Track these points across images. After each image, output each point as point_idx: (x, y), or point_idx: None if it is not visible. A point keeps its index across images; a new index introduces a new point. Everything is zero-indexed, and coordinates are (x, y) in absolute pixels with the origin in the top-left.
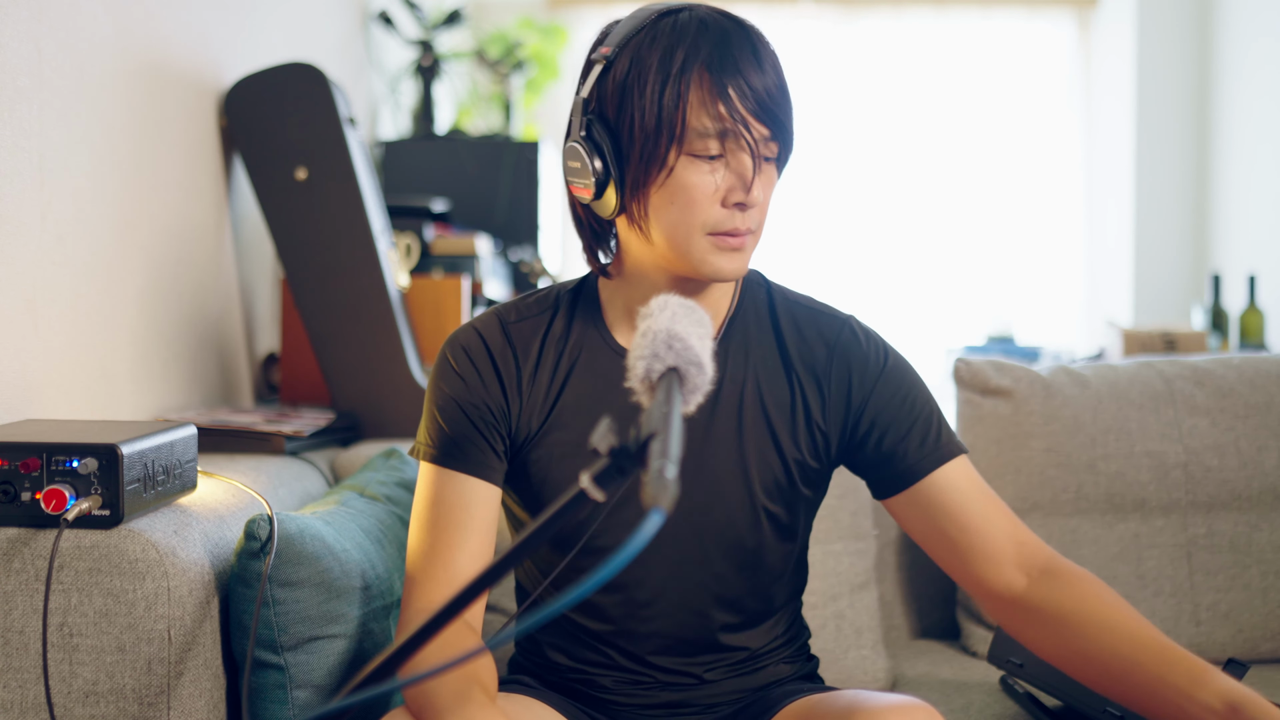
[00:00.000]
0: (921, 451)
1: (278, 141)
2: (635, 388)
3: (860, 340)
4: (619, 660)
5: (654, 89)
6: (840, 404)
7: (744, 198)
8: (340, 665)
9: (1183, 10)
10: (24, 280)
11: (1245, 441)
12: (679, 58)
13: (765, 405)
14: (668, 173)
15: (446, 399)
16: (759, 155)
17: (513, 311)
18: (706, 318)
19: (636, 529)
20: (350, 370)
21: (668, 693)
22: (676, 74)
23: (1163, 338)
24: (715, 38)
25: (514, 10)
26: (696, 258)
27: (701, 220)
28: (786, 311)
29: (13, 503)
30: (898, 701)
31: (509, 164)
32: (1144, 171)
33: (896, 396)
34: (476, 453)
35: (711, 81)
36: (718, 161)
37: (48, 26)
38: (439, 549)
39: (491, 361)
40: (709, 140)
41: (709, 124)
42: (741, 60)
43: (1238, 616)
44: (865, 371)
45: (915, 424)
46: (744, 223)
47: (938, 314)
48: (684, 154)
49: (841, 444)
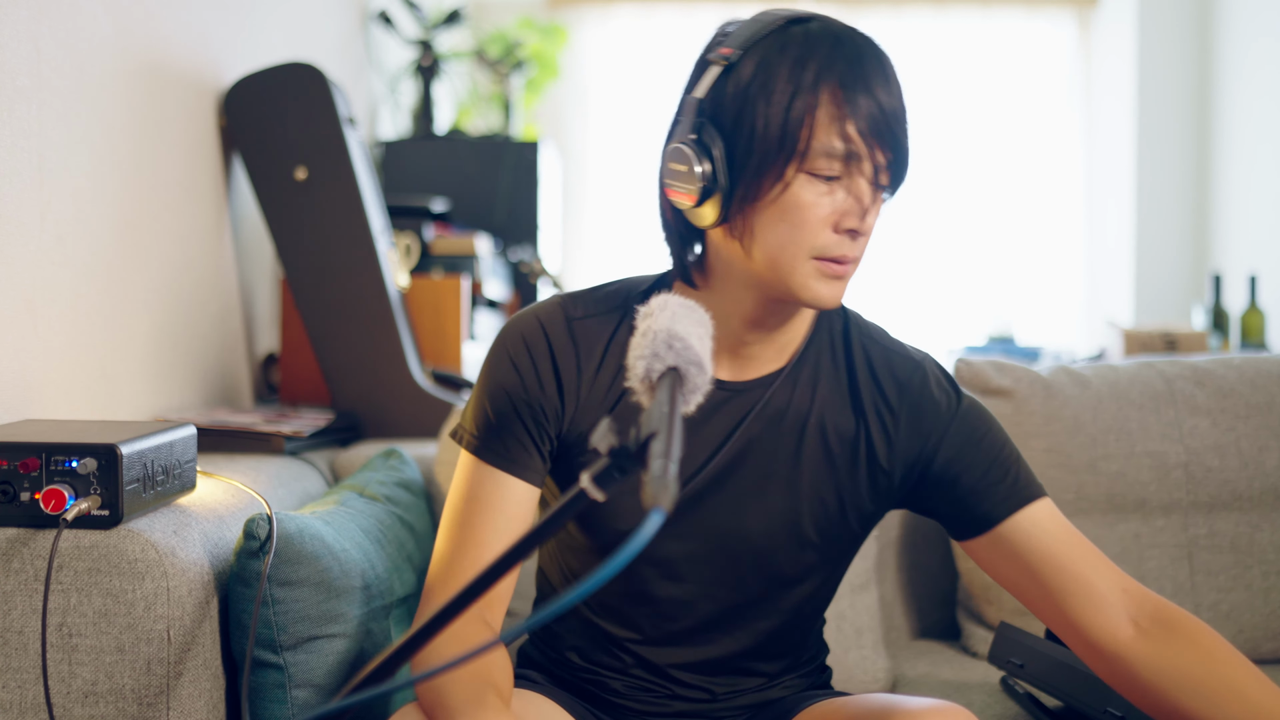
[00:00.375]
0: (1001, 493)
1: (277, 141)
2: (635, 388)
3: (933, 382)
4: (636, 667)
5: (781, 99)
6: (910, 447)
7: (858, 224)
8: (340, 665)
9: (1183, 10)
10: (23, 280)
11: (1246, 442)
12: (811, 69)
13: (828, 440)
14: (783, 188)
15: (499, 390)
16: (875, 183)
17: (579, 306)
18: (707, 318)
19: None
20: (350, 370)
21: (680, 703)
22: (809, 87)
23: (1163, 338)
24: (850, 53)
25: (514, 10)
26: (798, 282)
27: (811, 243)
28: (861, 346)
29: (12, 503)
30: (935, 704)
31: (509, 164)
32: (1144, 171)
33: (972, 439)
34: (520, 451)
35: (844, 99)
36: (835, 183)
37: (47, 26)
38: (468, 547)
39: (552, 359)
40: (832, 160)
41: (835, 144)
42: (874, 80)
43: (1239, 617)
44: (938, 415)
45: (992, 466)
46: (852, 250)
47: (938, 314)
48: (803, 171)
49: (907, 487)
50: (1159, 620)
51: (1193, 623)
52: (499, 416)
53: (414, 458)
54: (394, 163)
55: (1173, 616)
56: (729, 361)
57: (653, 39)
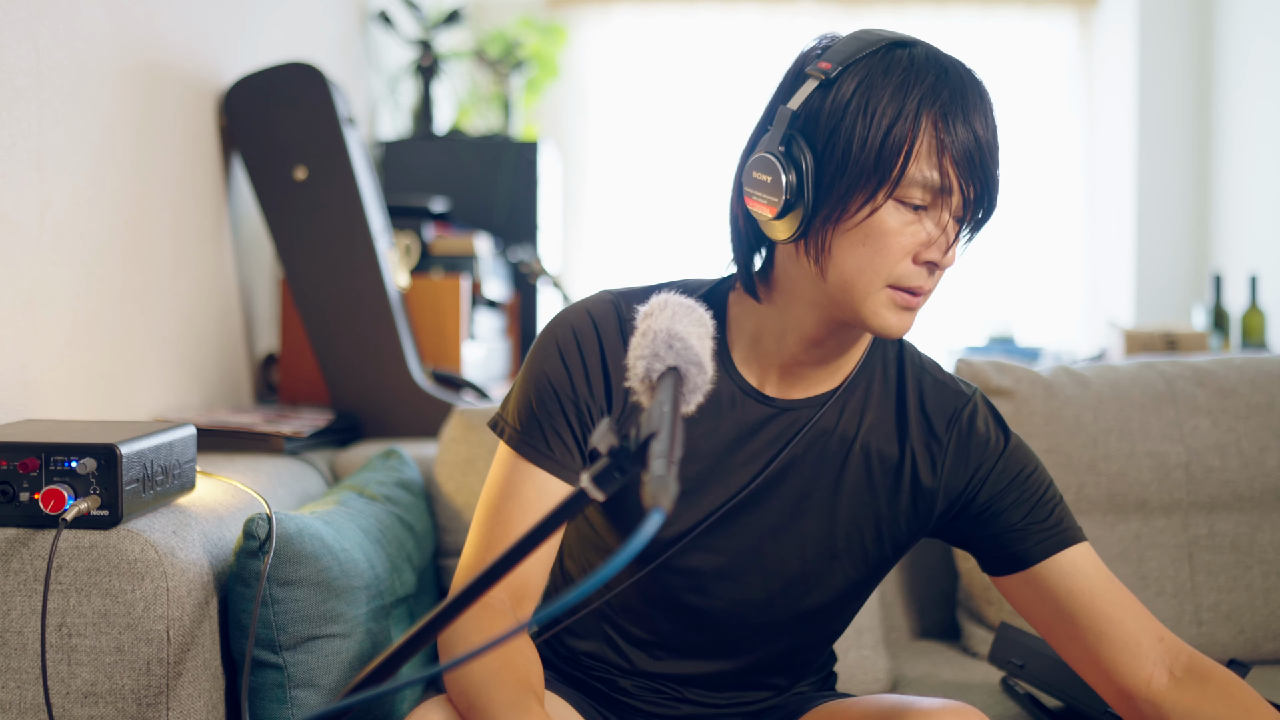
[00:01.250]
0: (1040, 534)
1: (277, 141)
2: (635, 388)
3: (982, 417)
4: (648, 671)
5: (882, 121)
6: (955, 480)
7: (939, 258)
8: (339, 665)
9: (1183, 10)
10: (23, 280)
11: (1247, 442)
12: (915, 96)
13: (871, 465)
14: (871, 212)
15: (545, 382)
16: (961, 219)
17: (632, 304)
18: (707, 318)
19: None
20: (350, 370)
21: (688, 706)
22: (912, 114)
23: (1164, 338)
24: (955, 84)
25: (514, 10)
26: (870, 309)
27: (889, 271)
28: (914, 375)
29: (11, 503)
30: (947, 705)
31: (509, 164)
32: (1145, 171)
33: (1018, 478)
34: (561, 448)
35: (945, 130)
36: (923, 213)
37: (46, 25)
38: (502, 543)
39: (601, 356)
40: (926, 191)
41: (929, 174)
42: (974, 112)
43: (1239, 617)
44: (985, 450)
45: (1036, 507)
46: (929, 283)
47: (939, 314)
48: (893, 198)
49: (946, 519)
50: (1193, 671)
51: (1226, 674)
52: (543, 409)
53: (414, 458)
54: (394, 163)
55: (1207, 668)
56: (779, 378)
57: (653, 39)
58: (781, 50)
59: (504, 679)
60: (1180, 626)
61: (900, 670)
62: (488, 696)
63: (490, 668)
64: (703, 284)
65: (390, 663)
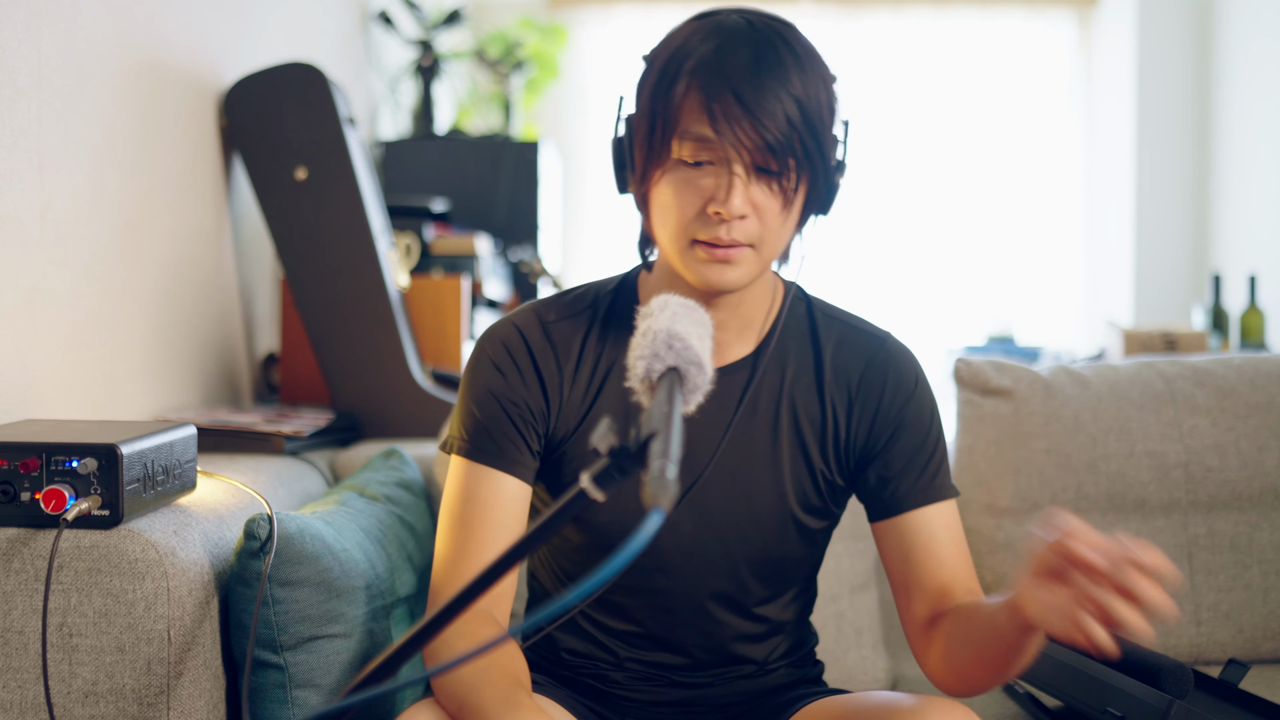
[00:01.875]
0: (917, 485)
1: (277, 141)
2: (635, 387)
3: (895, 357)
4: (633, 658)
5: (654, 87)
6: (868, 418)
7: (719, 208)
8: (340, 665)
9: (1183, 10)
10: (24, 280)
11: (1246, 441)
12: (680, 59)
13: (799, 420)
14: (661, 172)
15: (484, 393)
16: (746, 166)
17: (551, 310)
18: (707, 317)
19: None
20: (350, 370)
21: (678, 690)
22: (672, 75)
23: (1163, 338)
24: (718, 43)
25: (514, 10)
26: (684, 263)
27: (686, 226)
28: (826, 327)
29: (12, 503)
30: (936, 702)
31: (509, 164)
32: (1144, 171)
33: (918, 423)
34: (511, 449)
35: (700, 88)
36: (706, 168)
37: (47, 26)
38: (470, 546)
39: (532, 359)
40: (697, 147)
41: (696, 130)
42: (735, 69)
43: (1238, 617)
44: (898, 390)
45: (920, 454)
46: (729, 234)
47: (938, 314)
48: (677, 158)
49: (861, 458)
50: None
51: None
52: (487, 417)
53: (414, 458)
54: (394, 163)
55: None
56: None
57: (653, 39)
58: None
59: (493, 677)
60: (1179, 626)
61: (900, 670)
62: (479, 694)
63: (479, 666)
64: (614, 279)
65: (390, 663)
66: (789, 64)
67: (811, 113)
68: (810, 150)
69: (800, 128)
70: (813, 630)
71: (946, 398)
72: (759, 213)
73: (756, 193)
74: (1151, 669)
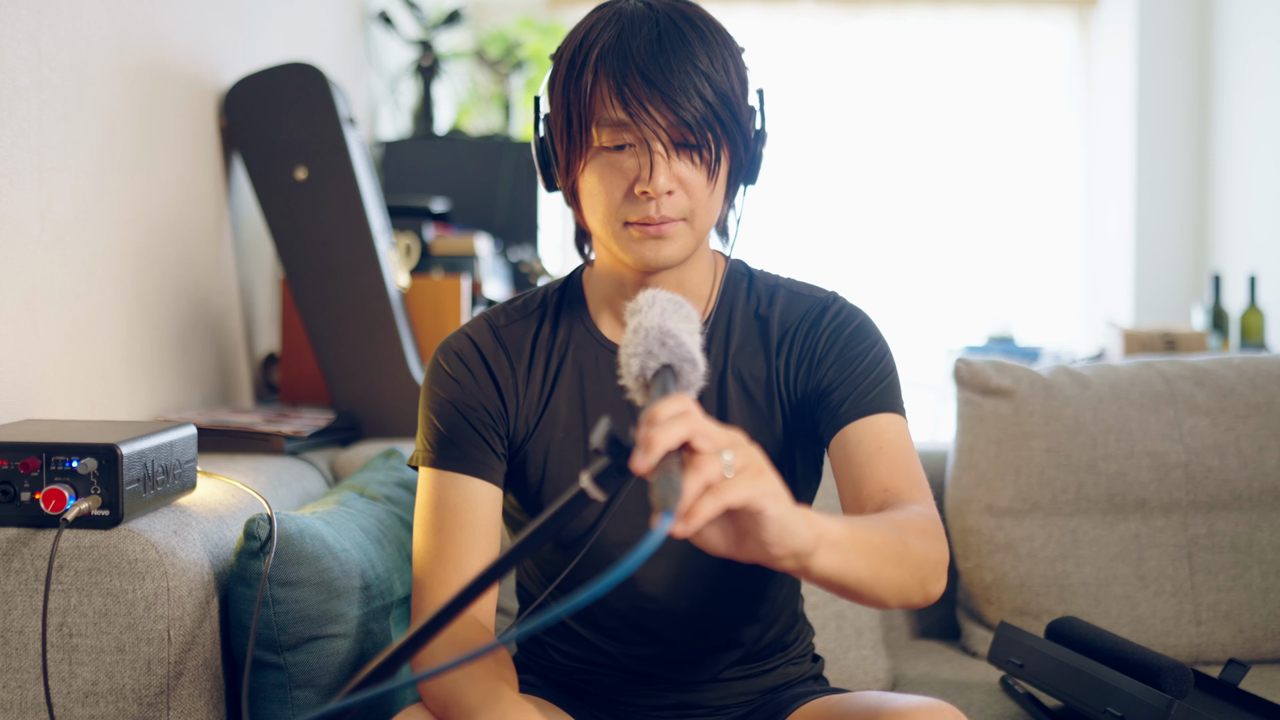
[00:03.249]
0: (854, 399)
1: (277, 141)
2: (629, 385)
3: (835, 311)
4: (625, 661)
5: (564, 81)
6: (810, 360)
7: (645, 187)
8: (340, 665)
9: (1183, 10)
10: (23, 280)
11: (1246, 441)
12: (588, 50)
13: (748, 386)
14: (584, 163)
15: (442, 402)
16: (665, 144)
17: (501, 316)
18: (694, 312)
19: (645, 530)
20: (350, 370)
21: (676, 693)
22: (580, 66)
23: (1163, 338)
24: (619, 29)
25: (514, 10)
26: (620, 246)
27: (616, 210)
28: (767, 294)
29: (12, 503)
30: (923, 702)
31: (509, 164)
32: (1144, 171)
33: (856, 349)
34: (476, 453)
35: (607, 75)
36: (627, 151)
37: (47, 26)
38: (446, 551)
39: (485, 363)
40: (614, 132)
41: (610, 117)
42: (638, 51)
43: (1238, 616)
44: (839, 330)
45: (857, 373)
46: (657, 211)
47: (938, 314)
48: (596, 145)
49: (806, 396)
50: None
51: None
52: (449, 426)
53: None
54: (394, 163)
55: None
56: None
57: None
58: (781, 50)
59: (476, 674)
60: (1179, 626)
61: (900, 670)
62: (460, 692)
63: (451, 660)
64: (558, 280)
65: (389, 664)
66: (693, 40)
67: (721, 85)
68: (726, 122)
69: (713, 101)
70: (808, 623)
71: (947, 398)
72: (685, 186)
73: (680, 168)
74: (1151, 669)
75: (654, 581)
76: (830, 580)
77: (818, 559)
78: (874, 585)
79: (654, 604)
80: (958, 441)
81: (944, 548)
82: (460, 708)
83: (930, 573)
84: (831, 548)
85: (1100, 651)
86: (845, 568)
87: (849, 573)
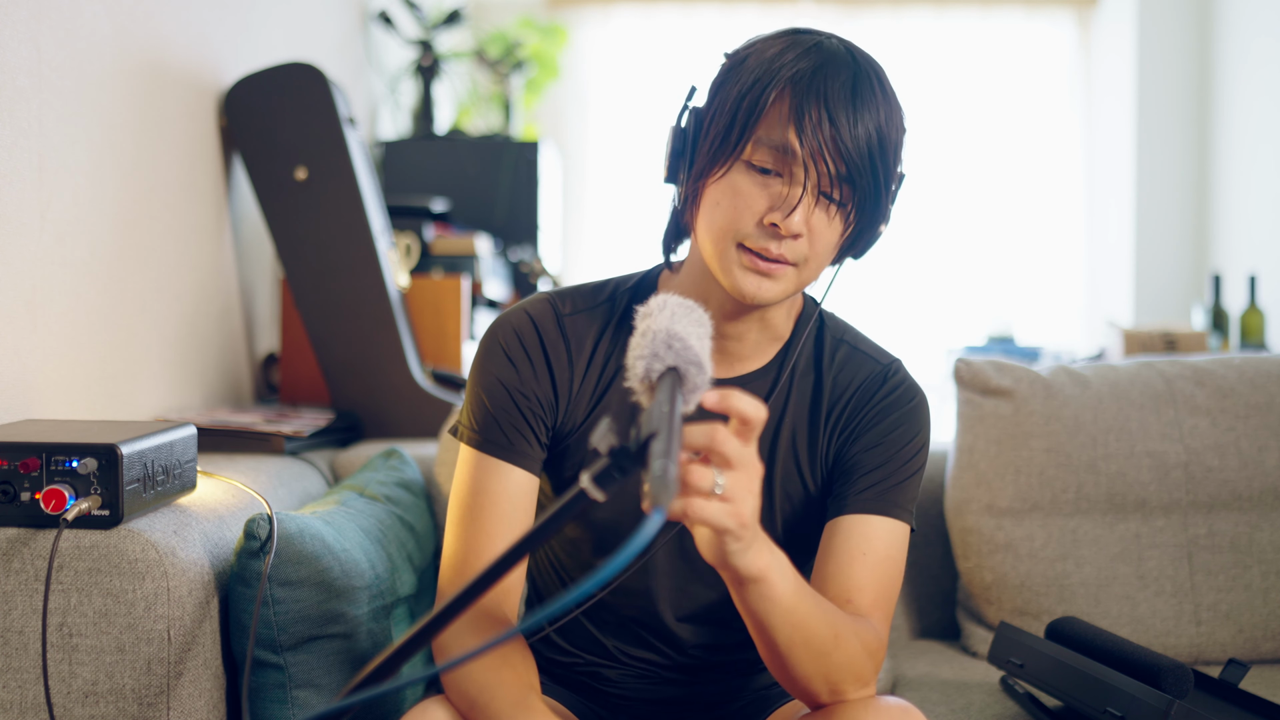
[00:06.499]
0: (869, 493)
1: (277, 141)
2: (635, 387)
3: (893, 385)
4: (624, 658)
5: (747, 81)
6: (851, 435)
7: (780, 220)
8: (340, 665)
9: (1183, 10)
10: (23, 280)
11: (1246, 441)
12: (786, 67)
13: (796, 444)
14: (725, 170)
15: (494, 382)
16: (817, 189)
17: (568, 302)
18: (706, 318)
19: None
20: (350, 370)
21: (672, 688)
22: (774, 79)
23: (1163, 338)
24: (831, 68)
25: (514, 10)
26: (723, 266)
27: (738, 229)
28: (831, 348)
29: (12, 503)
30: (882, 701)
31: (509, 164)
32: (1144, 171)
33: (896, 441)
34: (520, 441)
35: (793, 98)
36: (774, 178)
37: (47, 26)
38: (480, 540)
39: (544, 352)
40: (772, 155)
41: (778, 138)
42: (834, 90)
43: (1238, 617)
44: (885, 413)
45: (886, 469)
46: (779, 248)
47: (938, 314)
48: (746, 159)
49: (839, 469)
50: None
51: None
52: (497, 408)
53: (414, 458)
54: (394, 163)
55: None
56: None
57: (653, 39)
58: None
59: (505, 678)
60: (1179, 626)
61: (900, 670)
62: (489, 695)
63: (490, 667)
64: (634, 275)
65: (390, 663)
66: (879, 100)
67: (889, 150)
68: (875, 186)
69: (877, 161)
70: None
71: (946, 398)
72: (812, 235)
73: (816, 216)
74: (1151, 669)
75: (660, 597)
76: (751, 614)
77: (748, 590)
78: (786, 653)
79: (656, 610)
80: (958, 441)
81: (873, 666)
82: (488, 711)
83: (844, 679)
84: (763, 595)
85: (1100, 651)
86: (767, 617)
87: (768, 623)
